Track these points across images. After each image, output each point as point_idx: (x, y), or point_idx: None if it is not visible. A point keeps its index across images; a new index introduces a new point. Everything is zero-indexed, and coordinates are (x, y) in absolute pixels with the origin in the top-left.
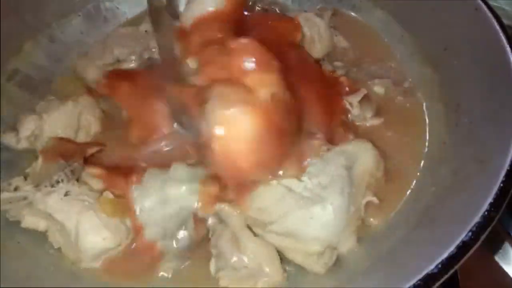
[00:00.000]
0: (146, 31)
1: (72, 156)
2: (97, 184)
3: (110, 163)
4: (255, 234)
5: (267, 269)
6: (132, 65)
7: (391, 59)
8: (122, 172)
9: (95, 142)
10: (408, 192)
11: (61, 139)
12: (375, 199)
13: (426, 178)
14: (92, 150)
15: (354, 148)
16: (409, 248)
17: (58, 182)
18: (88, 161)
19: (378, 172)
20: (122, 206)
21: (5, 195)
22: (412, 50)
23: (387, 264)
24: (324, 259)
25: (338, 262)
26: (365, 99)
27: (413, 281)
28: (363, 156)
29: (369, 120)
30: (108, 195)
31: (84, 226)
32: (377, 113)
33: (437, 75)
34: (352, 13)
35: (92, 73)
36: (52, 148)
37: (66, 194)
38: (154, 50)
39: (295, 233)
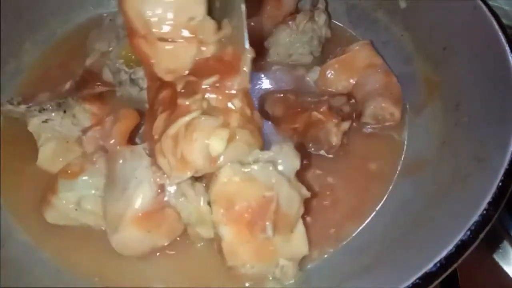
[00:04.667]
0: None
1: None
2: (84, 121)
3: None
4: None
5: None
6: None
7: None
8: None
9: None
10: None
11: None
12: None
13: (425, 177)
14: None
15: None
16: (408, 247)
17: (44, 109)
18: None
19: None
20: None
21: (6, 107)
22: (411, 50)
23: (385, 263)
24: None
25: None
26: None
27: (412, 280)
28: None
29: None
30: None
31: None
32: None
33: (436, 75)
34: None
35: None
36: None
37: (45, 121)
38: None
39: None
